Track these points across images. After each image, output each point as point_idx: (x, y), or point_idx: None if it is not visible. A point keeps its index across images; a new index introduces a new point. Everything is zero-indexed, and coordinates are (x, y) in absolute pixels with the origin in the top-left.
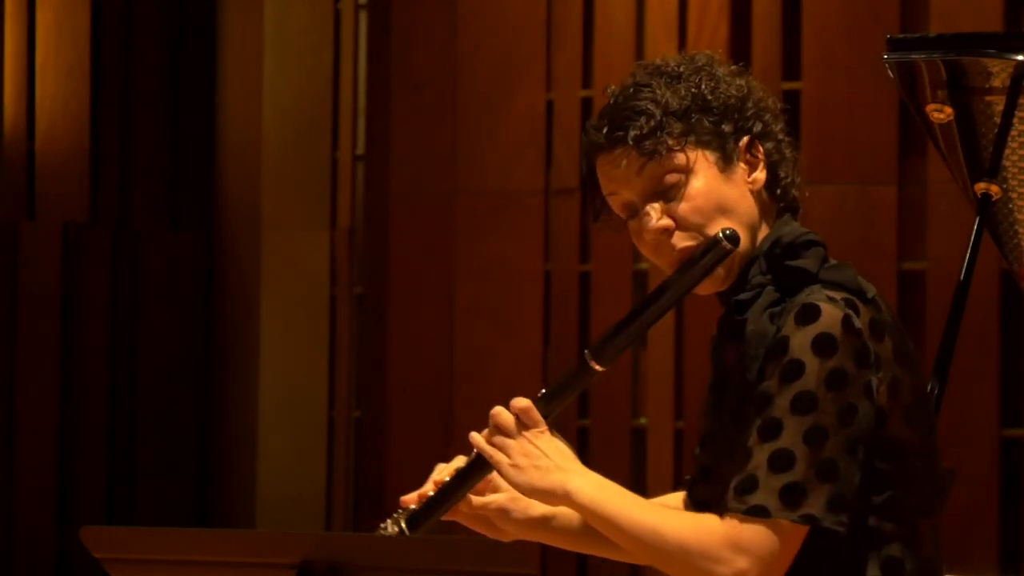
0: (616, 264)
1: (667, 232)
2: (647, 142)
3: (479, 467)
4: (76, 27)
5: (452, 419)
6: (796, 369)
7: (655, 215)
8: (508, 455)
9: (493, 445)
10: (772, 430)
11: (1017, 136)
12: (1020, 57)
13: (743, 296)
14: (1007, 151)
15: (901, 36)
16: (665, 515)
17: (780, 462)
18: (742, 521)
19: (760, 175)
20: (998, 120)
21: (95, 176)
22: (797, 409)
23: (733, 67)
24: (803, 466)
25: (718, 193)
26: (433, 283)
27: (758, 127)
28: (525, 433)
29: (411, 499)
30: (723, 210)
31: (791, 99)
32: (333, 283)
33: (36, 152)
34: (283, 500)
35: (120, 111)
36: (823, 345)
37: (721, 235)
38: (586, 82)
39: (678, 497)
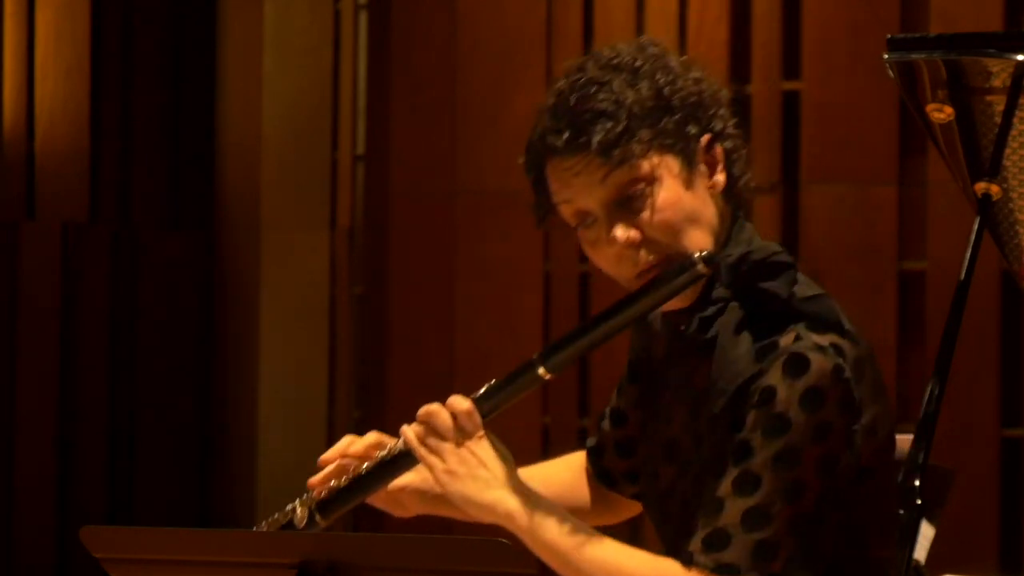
0: None
1: (633, 245)
2: (614, 151)
3: (405, 463)
4: (76, 27)
5: None
6: (782, 424)
7: (622, 231)
8: (443, 459)
9: (426, 446)
10: (750, 485)
11: (1017, 136)
12: (1020, 57)
13: (708, 312)
14: (1007, 151)
15: (901, 36)
16: (619, 553)
17: (755, 519)
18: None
19: (720, 177)
20: (998, 120)
21: (95, 176)
22: (779, 465)
23: (682, 57)
24: (778, 522)
25: (685, 203)
26: (433, 283)
27: (718, 125)
28: (462, 440)
29: (318, 481)
30: (690, 220)
31: (791, 99)
32: (333, 283)
33: (36, 152)
34: (283, 500)
35: (120, 111)
36: (812, 400)
37: (698, 256)
38: None
39: (580, 458)
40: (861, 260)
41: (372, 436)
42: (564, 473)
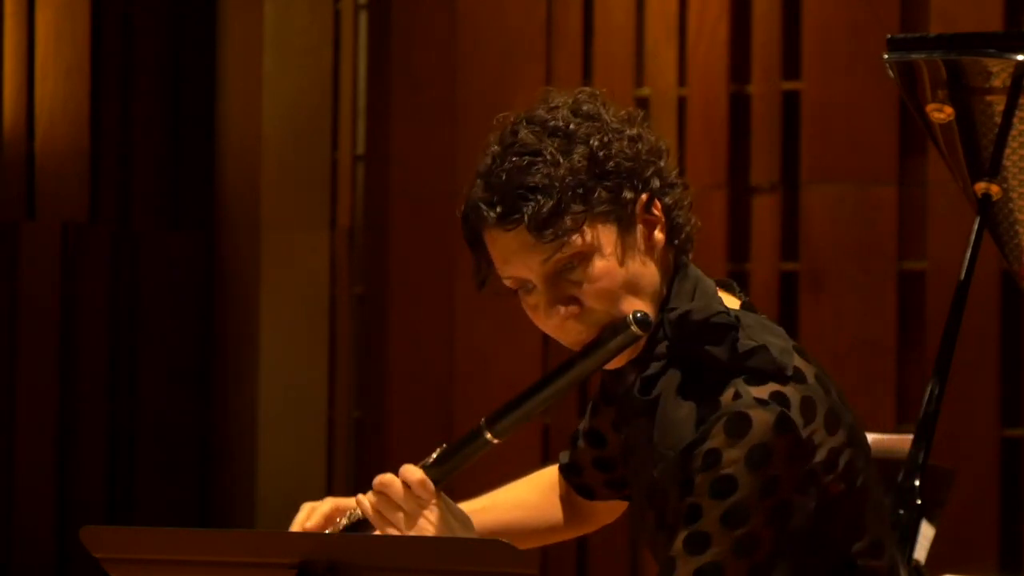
0: None
1: (573, 317)
2: (547, 231)
3: (364, 531)
4: (76, 27)
5: (452, 419)
6: (729, 485)
7: (563, 308)
8: (399, 529)
9: (382, 516)
10: (700, 544)
11: (1017, 136)
12: (1020, 57)
13: (649, 372)
14: (1007, 151)
15: (901, 36)
16: None
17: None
18: None
19: (660, 235)
20: (998, 120)
21: (95, 176)
22: (728, 523)
23: (620, 110)
24: None
25: (621, 271)
26: (433, 283)
27: (655, 182)
28: (417, 508)
29: None
30: (628, 287)
31: (791, 99)
32: (333, 283)
33: (36, 152)
34: (283, 500)
35: (120, 111)
36: (757, 458)
37: (631, 319)
38: (586, 82)
39: (547, 475)
40: (861, 260)
41: (329, 503)
42: (533, 495)
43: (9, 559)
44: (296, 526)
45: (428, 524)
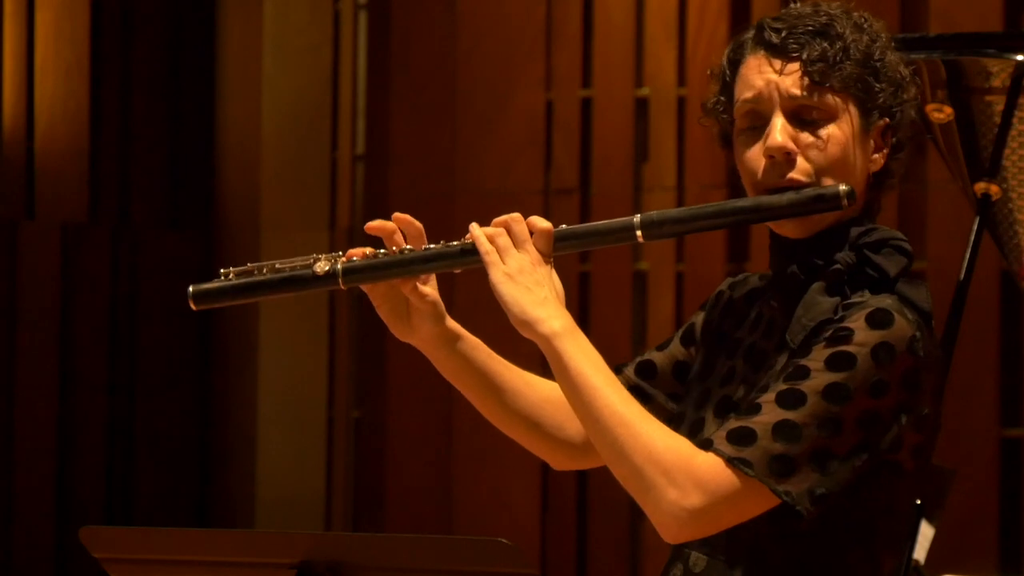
0: (616, 264)
1: (787, 155)
2: (819, 65)
3: (460, 258)
4: (76, 27)
5: (452, 419)
6: (847, 361)
7: (783, 134)
8: (504, 260)
9: (494, 244)
10: (794, 401)
11: (1017, 136)
12: (1020, 57)
13: (819, 260)
14: (1007, 151)
15: (901, 36)
16: (644, 415)
17: (786, 433)
18: (725, 465)
19: (880, 159)
20: (998, 120)
21: (94, 176)
22: (828, 396)
23: (904, 55)
24: (805, 446)
25: (849, 150)
26: None
27: (899, 116)
28: (527, 252)
29: (359, 252)
30: (845, 167)
31: None
32: None
33: (35, 152)
34: (283, 500)
35: (120, 111)
36: (883, 353)
37: (843, 189)
38: (586, 82)
39: None
40: None
41: (420, 226)
42: (555, 392)
43: (9, 559)
44: (379, 221)
45: (534, 271)
